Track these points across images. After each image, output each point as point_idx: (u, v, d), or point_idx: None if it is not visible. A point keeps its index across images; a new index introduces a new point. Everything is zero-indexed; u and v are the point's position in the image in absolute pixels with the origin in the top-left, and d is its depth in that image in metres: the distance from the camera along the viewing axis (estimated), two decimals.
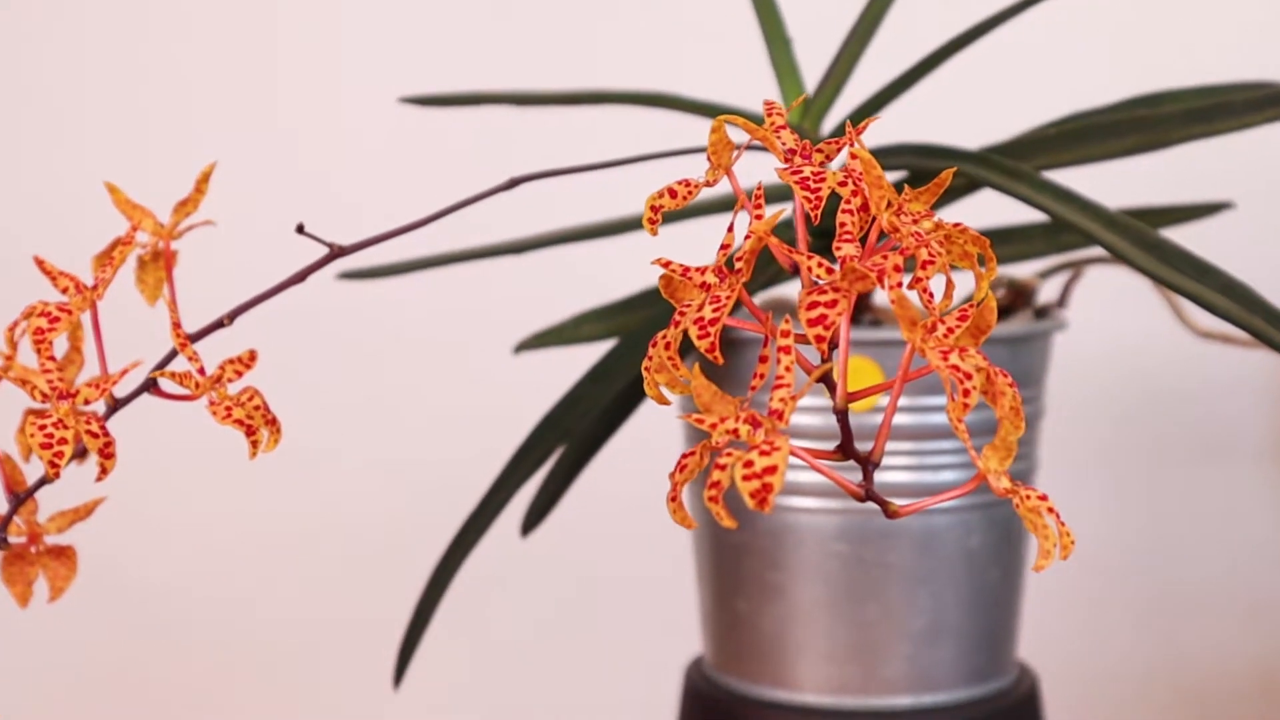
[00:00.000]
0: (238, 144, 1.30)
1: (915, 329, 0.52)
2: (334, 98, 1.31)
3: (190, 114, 1.32)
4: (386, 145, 1.29)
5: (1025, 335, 0.88)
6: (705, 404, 0.53)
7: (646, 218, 0.63)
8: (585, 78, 0.96)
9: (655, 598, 1.21)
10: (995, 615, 0.91)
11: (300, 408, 1.28)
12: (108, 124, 1.33)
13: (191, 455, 1.29)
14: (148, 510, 1.31)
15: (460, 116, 1.10)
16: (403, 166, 1.26)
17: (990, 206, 0.88)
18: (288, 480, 1.29)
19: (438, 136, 1.24)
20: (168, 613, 1.31)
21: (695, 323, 0.54)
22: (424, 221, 0.73)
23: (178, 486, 1.31)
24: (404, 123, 1.07)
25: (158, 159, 1.25)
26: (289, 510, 1.31)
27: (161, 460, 1.28)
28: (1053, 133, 0.85)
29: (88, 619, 1.32)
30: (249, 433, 0.66)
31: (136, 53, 1.33)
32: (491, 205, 1.01)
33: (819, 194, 0.56)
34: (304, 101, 1.32)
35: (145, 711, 1.32)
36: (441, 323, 1.25)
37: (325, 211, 0.90)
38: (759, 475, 0.49)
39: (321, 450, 1.29)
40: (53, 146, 1.33)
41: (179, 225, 0.71)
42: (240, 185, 1.24)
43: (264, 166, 1.30)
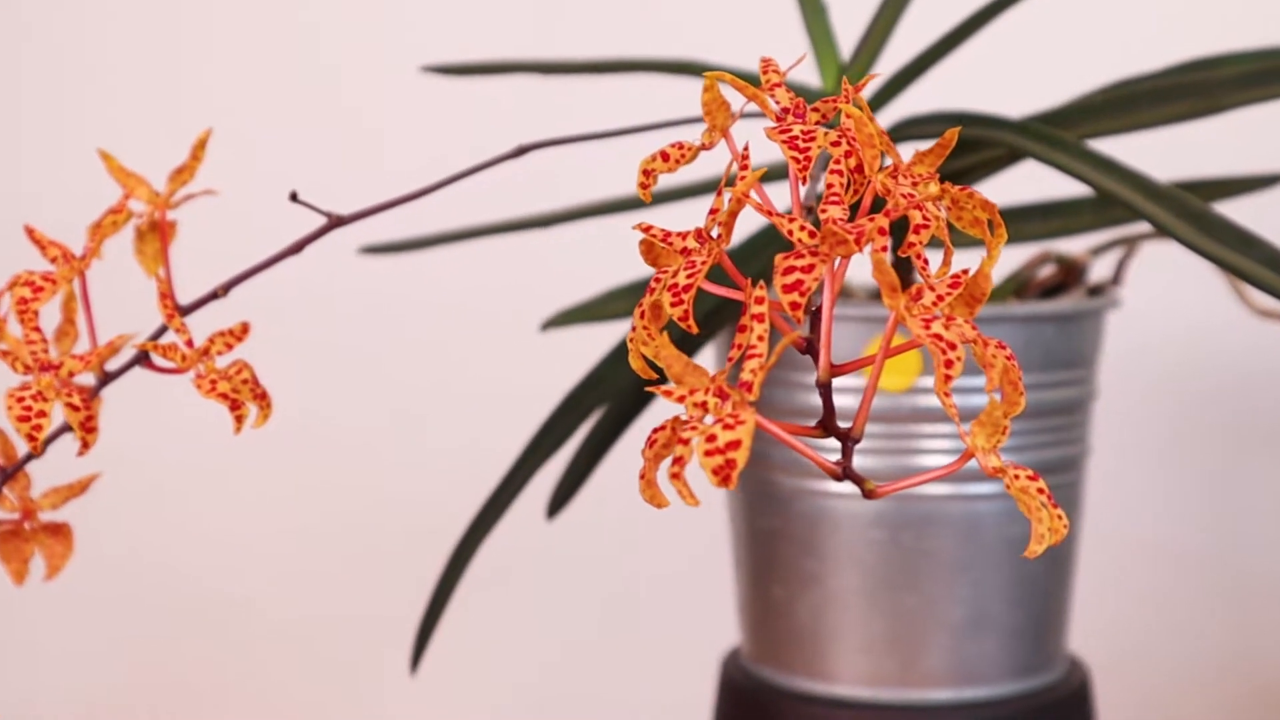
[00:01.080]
0: (248, 111, 1.28)
1: (896, 296, 0.48)
2: (346, 66, 1.29)
3: (199, 81, 1.30)
4: (404, 114, 1.26)
5: (1073, 313, 0.84)
6: (676, 375, 0.50)
7: (639, 182, 0.60)
8: (612, 46, 0.92)
9: (692, 585, 1.18)
10: (1042, 606, 0.87)
11: (322, 385, 1.27)
12: (111, 93, 1.31)
13: (215, 440, 1.28)
14: (173, 501, 1.30)
15: (483, 88, 1.07)
16: (422, 139, 1.23)
17: (1036, 179, 0.84)
18: (309, 463, 1.27)
19: (456, 108, 1.21)
20: (195, 604, 1.30)
21: (669, 289, 0.51)
22: (427, 190, 0.71)
23: (204, 473, 1.30)
24: (424, 91, 1.05)
25: (168, 129, 1.24)
26: (313, 494, 1.29)
27: (187, 448, 1.27)
28: (1100, 99, 0.81)
29: (107, 608, 1.31)
30: (233, 407, 0.64)
31: (141, 24, 1.31)
32: (517, 180, 0.98)
33: (808, 154, 0.53)
34: (320, 71, 1.29)
35: (177, 702, 1.31)
36: (467, 299, 1.22)
37: (340, 184, 0.88)
38: (721, 450, 0.46)
39: (346, 430, 1.27)
40: (61, 115, 1.32)
41: (175, 194, 0.69)
42: (247, 154, 1.23)
43: (274, 137, 1.28)
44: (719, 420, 0.47)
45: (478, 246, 0.94)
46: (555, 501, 0.87)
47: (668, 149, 0.59)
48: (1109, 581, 1.14)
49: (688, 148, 0.59)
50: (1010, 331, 0.82)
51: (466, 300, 1.23)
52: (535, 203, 0.89)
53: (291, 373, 1.27)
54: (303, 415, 1.26)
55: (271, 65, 1.30)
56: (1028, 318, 0.82)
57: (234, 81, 1.30)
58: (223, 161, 1.10)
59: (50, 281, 0.65)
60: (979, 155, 0.82)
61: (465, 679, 1.26)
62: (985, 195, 0.88)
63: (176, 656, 1.31)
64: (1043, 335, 0.83)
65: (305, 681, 1.29)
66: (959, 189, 0.57)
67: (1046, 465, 0.84)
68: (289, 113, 1.29)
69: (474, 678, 1.27)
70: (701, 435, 0.46)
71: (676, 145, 0.59)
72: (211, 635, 1.30)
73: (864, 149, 0.53)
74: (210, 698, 1.31)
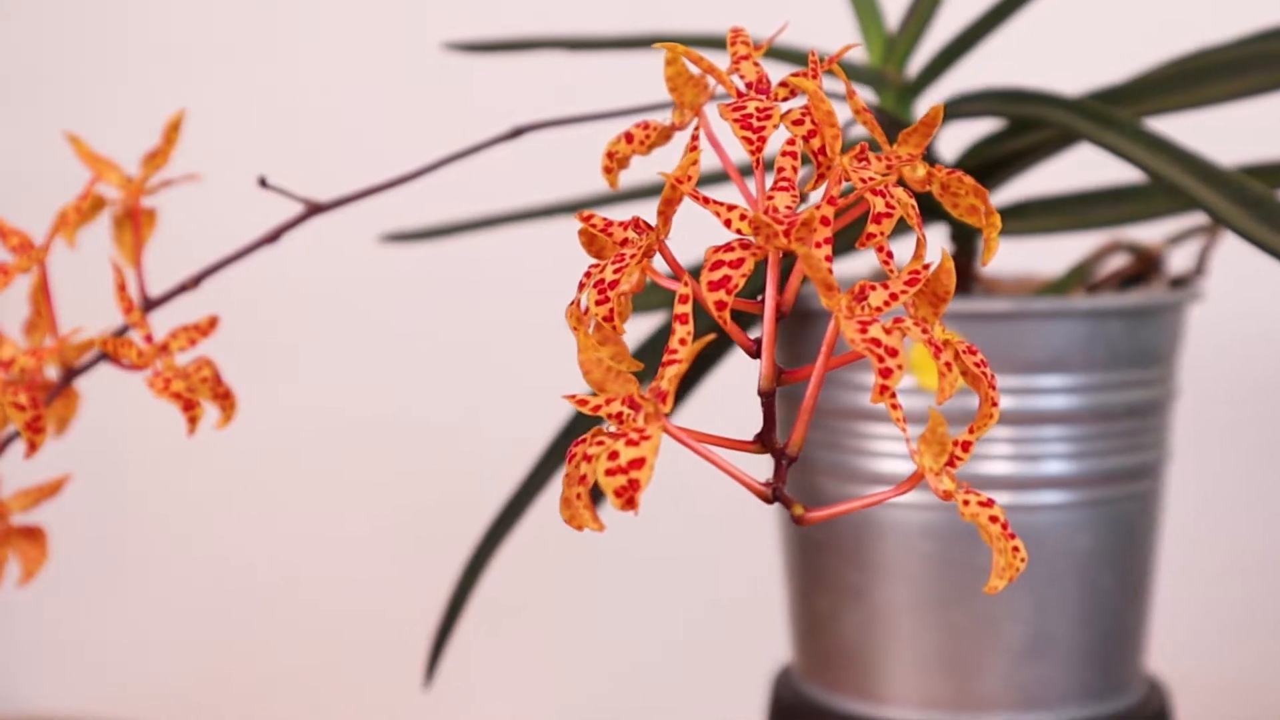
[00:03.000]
0: (237, 97, 1.25)
1: (833, 295, 0.42)
2: (349, 46, 1.25)
3: (186, 68, 1.27)
4: (417, 97, 1.22)
5: (1144, 307, 0.77)
6: (597, 382, 0.44)
7: (604, 166, 0.55)
8: (643, 21, 0.87)
9: (753, 597, 1.12)
10: (1113, 624, 0.80)
11: (393, 380, 1.23)
12: (92, 80, 1.29)
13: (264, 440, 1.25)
14: (221, 500, 1.27)
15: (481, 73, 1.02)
16: (442, 124, 1.19)
17: (1107, 161, 0.77)
18: (376, 456, 1.23)
19: (471, 87, 1.16)
20: (261, 599, 1.27)
21: (595, 286, 0.46)
22: (417, 173, 0.66)
23: (277, 467, 1.27)
24: (421, 73, 1.01)
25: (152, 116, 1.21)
26: (380, 488, 1.25)
27: (237, 449, 1.24)
28: (1168, 73, 0.74)
29: (181, 604, 1.29)
30: (186, 408, 0.60)
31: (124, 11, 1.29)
32: (545, 167, 0.93)
33: (761, 134, 0.47)
34: (320, 51, 1.25)
35: (242, 695, 1.28)
36: (494, 288, 1.18)
37: (334, 170, 0.83)
38: (623, 469, 0.41)
39: (421, 423, 1.23)
40: (46, 102, 1.30)
41: (150, 180, 0.65)
42: (235, 141, 1.19)
43: (261, 123, 1.24)
44: (622, 435, 0.41)
45: (527, 233, 0.89)
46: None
47: (633, 129, 0.54)
48: (1194, 595, 1.05)
49: (654, 128, 0.54)
50: (1070, 327, 0.75)
51: (521, 288, 1.19)
52: (566, 188, 0.84)
53: (358, 368, 1.25)
54: (374, 410, 1.23)
55: (254, 49, 1.27)
56: (1090, 313, 0.75)
57: (217, 64, 1.27)
58: (217, 147, 1.08)
59: (3, 272, 0.61)
60: (1036, 136, 0.75)
61: (516, 696, 1.22)
62: (1043, 178, 0.82)
63: (240, 651, 1.28)
64: (1108, 331, 0.76)
65: (352, 681, 1.26)
66: (947, 172, 0.51)
67: (1116, 472, 0.77)
68: (279, 98, 1.26)
69: (526, 694, 1.23)
70: (603, 452, 0.41)
71: (642, 125, 0.54)
72: (276, 630, 1.27)
73: (823, 128, 0.47)
74: (276, 692, 1.28)
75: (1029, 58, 0.82)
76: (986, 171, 0.78)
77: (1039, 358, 0.76)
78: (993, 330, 0.76)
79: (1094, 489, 0.77)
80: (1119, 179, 0.78)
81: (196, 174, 0.68)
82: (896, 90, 0.76)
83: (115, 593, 1.31)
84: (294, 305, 1.25)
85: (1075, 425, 0.77)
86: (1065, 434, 0.77)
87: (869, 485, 0.78)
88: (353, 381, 1.25)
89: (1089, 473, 0.77)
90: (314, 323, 1.25)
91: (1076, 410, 0.76)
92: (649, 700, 1.23)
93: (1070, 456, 0.77)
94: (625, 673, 1.23)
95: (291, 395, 1.26)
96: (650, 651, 1.23)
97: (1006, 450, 0.77)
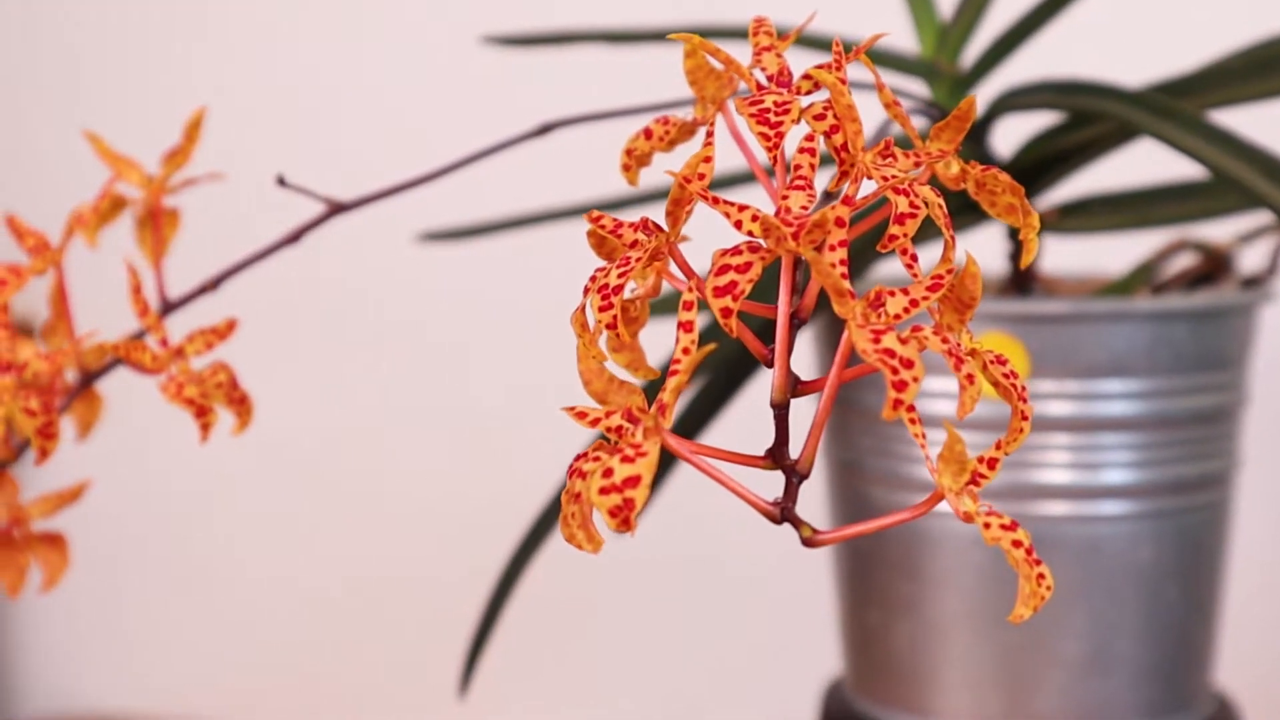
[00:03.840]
0: (261, 95, 1.23)
1: (845, 302, 0.39)
2: (375, 43, 1.23)
3: (209, 66, 1.25)
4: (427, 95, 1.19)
5: (1212, 309, 0.73)
6: (598, 393, 0.42)
7: (622, 164, 0.52)
8: (690, 13, 0.84)
9: (793, 607, 1.09)
10: (1178, 639, 0.76)
11: (453, 380, 1.21)
12: (114, 79, 1.27)
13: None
14: (255, 498, 1.26)
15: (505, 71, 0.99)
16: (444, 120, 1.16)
17: (1172, 156, 0.73)
18: (437, 456, 1.22)
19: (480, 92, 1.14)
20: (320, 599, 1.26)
21: (599, 291, 0.43)
22: (443, 171, 0.64)
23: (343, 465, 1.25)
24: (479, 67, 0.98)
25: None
26: (445, 488, 1.23)
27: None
28: (1237, 63, 0.70)
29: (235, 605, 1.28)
30: (198, 414, 0.58)
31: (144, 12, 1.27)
32: (580, 163, 0.90)
33: (779, 129, 0.44)
34: (337, 54, 1.23)
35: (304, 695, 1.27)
36: (537, 282, 1.15)
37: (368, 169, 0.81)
38: (618, 488, 0.38)
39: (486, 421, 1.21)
40: (67, 101, 1.29)
41: (170, 178, 0.63)
42: (259, 139, 1.17)
43: (292, 119, 1.22)
44: (617, 452, 0.39)
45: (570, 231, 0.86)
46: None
47: (652, 125, 0.52)
48: (1267, 608, 1.01)
49: (674, 123, 0.51)
50: (1132, 330, 0.72)
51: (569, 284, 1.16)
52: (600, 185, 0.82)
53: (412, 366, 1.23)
54: (419, 405, 1.21)
55: (278, 46, 1.25)
56: (1153, 315, 0.72)
57: (240, 61, 1.26)
58: (240, 146, 1.06)
59: (15, 274, 0.60)
60: (1096, 129, 0.72)
61: (559, 704, 1.19)
62: (1106, 172, 0.79)
63: (280, 649, 1.27)
64: (1172, 334, 0.72)
65: (391, 681, 1.24)
66: (982, 169, 0.48)
67: (1181, 482, 0.74)
68: (303, 96, 1.24)
69: (569, 704, 1.20)
70: (598, 469, 0.39)
71: (661, 121, 0.52)
72: (316, 629, 1.26)
73: (845, 123, 0.44)
74: (317, 691, 1.27)
75: (1091, 47, 0.79)
76: (1045, 167, 0.75)
77: (1099, 361, 0.72)
78: (1051, 333, 0.72)
79: (1157, 499, 0.74)
80: (1186, 174, 0.75)
81: (220, 172, 0.66)
82: (950, 82, 0.73)
83: (151, 592, 1.30)
84: (337, 303, 1.23)
85: (1137, 432, 0.73)
86: (1127, 441, 0.73)
87: (922, 493, 0.75)
88: (396, 378, 1.24)
89: (1152, 482, 0.74)
90: (360, 321, 1.24)
91: (1139, 417, 0.73)
92: (698, 711, 1.20)
93: (1132, 465, 0.74)
94: (674, 684, 1.20)
95: (327, 391, 1.24)
96: (700, 662, 1.20)
97: (1065, 458, 0.73)
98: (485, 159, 0.64)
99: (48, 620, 1.35)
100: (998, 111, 0.72)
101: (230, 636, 1.30)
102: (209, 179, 0.65)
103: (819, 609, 0.97)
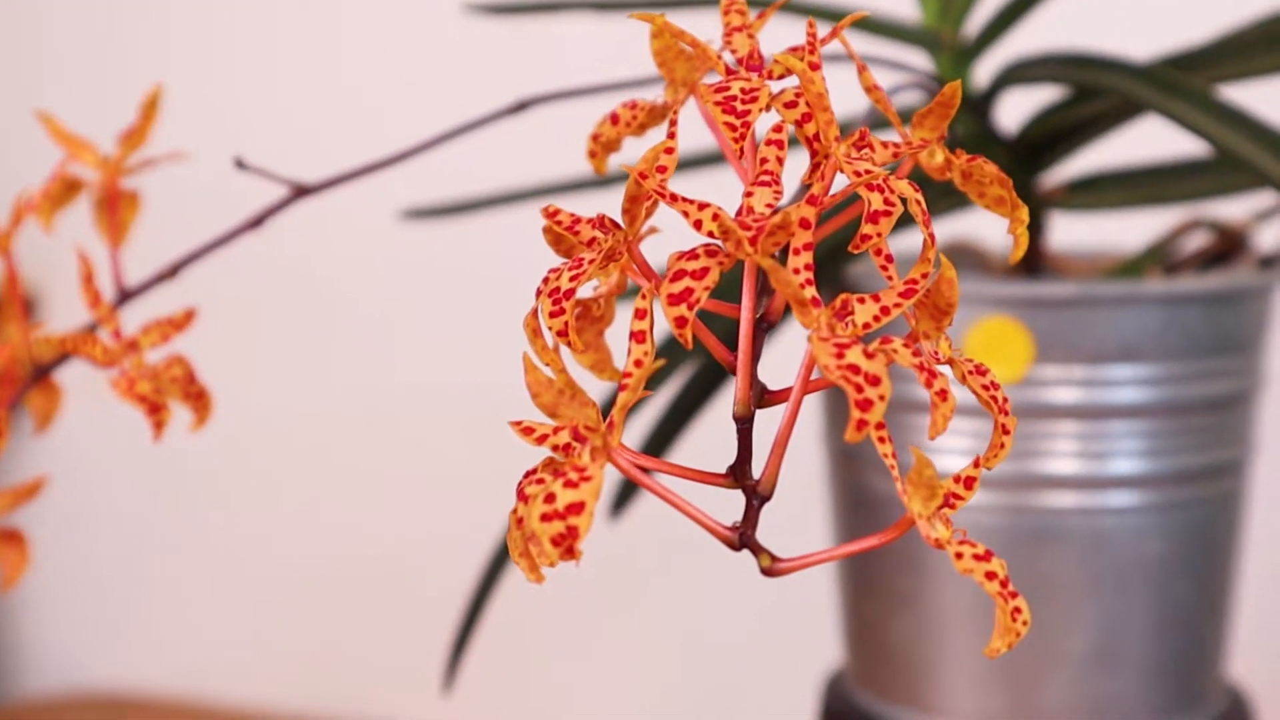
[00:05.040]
0: (227, 70, 1.19)
1: (808, 312, 0.36)
2: (344, 17, 1.19)
3: (174, 45, 1.22)
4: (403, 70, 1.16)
5: (1226, 292, 0.70)
6: (547, 406, 0.39)
7: (589, 150, 0.49)
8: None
9: (794, 599, 1.06)
10: (1186, 636, 0.73)
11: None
12: (71, 61, 1.24)
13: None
14: (265, 474, 1.24)
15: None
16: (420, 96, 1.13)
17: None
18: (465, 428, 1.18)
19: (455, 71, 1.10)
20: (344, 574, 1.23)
21: (550, 295, 0.40)
22: (412, 151, 0.61)
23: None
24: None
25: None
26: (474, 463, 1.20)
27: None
28: (1254, 35, 0.66)
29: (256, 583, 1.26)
30: (151, 411, 0.55)
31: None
32: (566, 140, 0.87)
33: (745, 118, 0.41)
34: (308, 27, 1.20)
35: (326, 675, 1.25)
36: (525, 265, 1.12)
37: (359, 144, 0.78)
38: (560, 515, 0.35)
39: None
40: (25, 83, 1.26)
41: (127, 159, 0.61)
42: (225, 119, 1.14)
43: (260, 98, 1.19)
44: (560, 475, 0.36)
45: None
46: (619, 500, 0.77)
47: (619, 109, 0.48)
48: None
49: (642, 108, 0.48)
50: (1142, 314, 0.69)
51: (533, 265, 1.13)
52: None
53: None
54: (428, 379, 1.19)
55: (245, 20, 1.21)
56: (1164, 298, 0.69)
57: (204, 37, 1.22)
58: (203, 126, 1.03)
59: None
60: (1105, 102, 0.68)
61: (560, 702, 1.17)
62: (1118, 148, 0.75)
63: (292, 625, 1.25)
64: (1185, 318, 0.69)
65: (402, 657, 1.21)
66: (968, 158, 0.45)
67: (1192, 471, 0.71)
68: (272, 74, 1.20)
69: (571, 701, 1.18)
70: (540, 493, 0.36)
71: (629, 105, 0.48)
72: (327, 606, 1.23)
73: (816, 112, 0.41)
74: (328, 668, 1.25)
75: (1101, 15, 0.75)
76: (1053, 142, 0.71)
77: (1108, 346, 0.69)
78: (1057, 317, 0.69)
79: (1168, 489, 0.71)
80: (1201, 149, 0.71)
81: (181, 152, 0.63)
82: (953, 52, 0.70)
83: (152, 570, 1.28)
84: (337, 280, 1.20)
85: (1147, 420, 0.70)
86: (1136, 429, 0.70)
87: None
88: (394, 358, 1.21)
89: (1162, 472, 0.71)
90: (359, 299, 1.21)
91: (1149, 404, 0.70)
92: (699, 704, 1.17)
93: (1142, 454, 0.70)
94: (675, 677, 1.18)
95: (322, 372, 1.22)
96: (700, 654, 1.17)
97: (1072, 448, 0.70)
98: (460, 136, 0.61)
99: (47, 598, 1.33)
100: (1003, 84, 0.68)
101: (231, 614, 1.28)
102: (170, 159, 0.62)
103: (820, 599, 0.94)
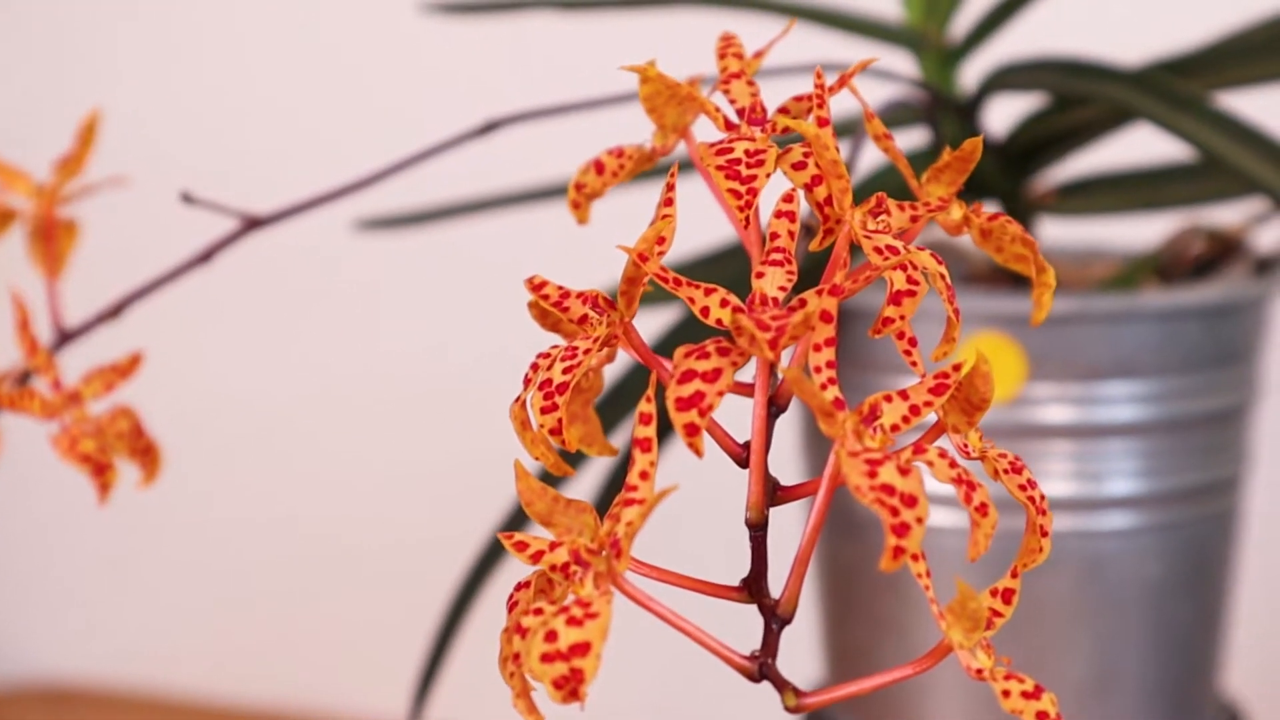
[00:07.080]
0: (177, 90, 1.14)
1: (832, 422, 0.33)
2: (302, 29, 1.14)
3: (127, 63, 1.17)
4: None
5: (1226, 304, 0.67)
6: (541, 515, 0.35)
7: (570, 200, 0.45)
8: None
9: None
10: (1184, 658, 0.70)
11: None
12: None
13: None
14: (253, 454, 1.20)
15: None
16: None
17: None
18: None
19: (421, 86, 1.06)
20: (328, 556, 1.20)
21: (541, 388, 0.37)
22: (383, 174, 0.57)
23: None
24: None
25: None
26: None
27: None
28: (1259, 36, 0.63)
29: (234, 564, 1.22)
30: (96, 473, 0.51)
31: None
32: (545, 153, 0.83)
33: (752, 184, 0.37)
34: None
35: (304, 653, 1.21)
36: (513, 245, 1.08)
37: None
38: (563, 656, 0.32)
39: None
40: None
41: (63, 187, 0.56)
42: (174, 143, 1.09)
43: (216, 118, 1.14)
44: (563, 610, 0.32)
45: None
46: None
47: (603, 157, 0.44)
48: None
49: (629, 155, 0.44)
50: (1140, 329, 0.65)
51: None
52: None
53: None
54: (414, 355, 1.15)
55: (200, 37, 1.16)
56: (1163, 312, 0.66)
57: (155, 54, 1.17)
58: (152, 150, 0.97)
59: None
60: (1098, 107, 0.65)
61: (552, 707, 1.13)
62: (1111, 152, 0.72)
63: (275, 611, 1.21)
64: (1184, 330, 0.66)
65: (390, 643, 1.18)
66: (988, 216, 0.41)
67: (1190, 490, 0.68)
68: (228, 93, 1.15)
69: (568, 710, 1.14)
70: (539, 628, 0.32)
71: (615, 153, 0.44)
72: (312, 588, 1.20)
73: (830, 180, 0.37)
74: (311, 652, 1.21)
75: (1091, 17, 0.71)
76: (1042, 148, 0.68)
77: (1104, 362, 0.66)
78: (1051, 333, 0.66)
79: (1165, 510, 0.68)
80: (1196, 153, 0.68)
81: (122, 177, 0.58)
82: (938, 54, 0.66)
83: (143, 553, 1.24)
84: (320, 257, 1.16)
85: (1145, 438, 0.67)
86: (1133, 448, 0.67)
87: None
88: (377, 337, 1.17)
89: (1160, 491, 0.68)
90: (341, 278, 1.16)
91: (1146, 421, 0.67)
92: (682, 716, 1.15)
93: (1139, 474, 0.67)
94: (652, 698, 1.15)
95: (303, 351, 1.18)
96: (678, 676, 1.14)
97: (1066, 468, 0.67)
98: (426, 160, 0.57)
99: None
100: (990, 90, 0.65)
101: (189, 603, 1.24)
102: (110, 185, 0.58)
103: (802, 621, 0.91)
